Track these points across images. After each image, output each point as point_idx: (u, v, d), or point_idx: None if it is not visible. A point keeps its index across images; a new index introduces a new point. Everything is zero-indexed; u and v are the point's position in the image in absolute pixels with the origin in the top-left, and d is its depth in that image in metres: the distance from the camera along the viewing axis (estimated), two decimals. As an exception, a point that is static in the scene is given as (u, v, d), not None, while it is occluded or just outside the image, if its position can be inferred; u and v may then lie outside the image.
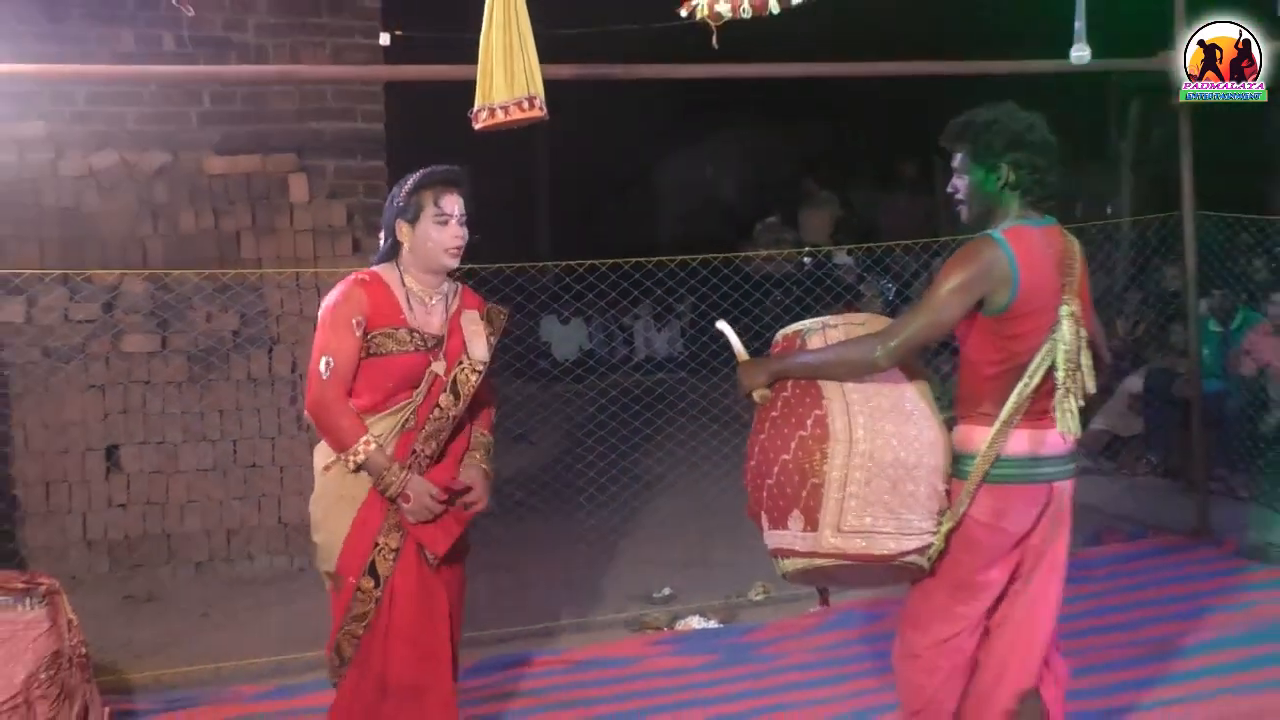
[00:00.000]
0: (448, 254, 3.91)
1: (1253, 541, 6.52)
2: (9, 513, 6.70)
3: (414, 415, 3.86)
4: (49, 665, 4.26)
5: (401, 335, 3.85)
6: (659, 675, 5.37)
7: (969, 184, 3.73)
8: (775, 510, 3.56)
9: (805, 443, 3.48)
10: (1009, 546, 3.63)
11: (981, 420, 3.58)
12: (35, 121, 6.94)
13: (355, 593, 3.84)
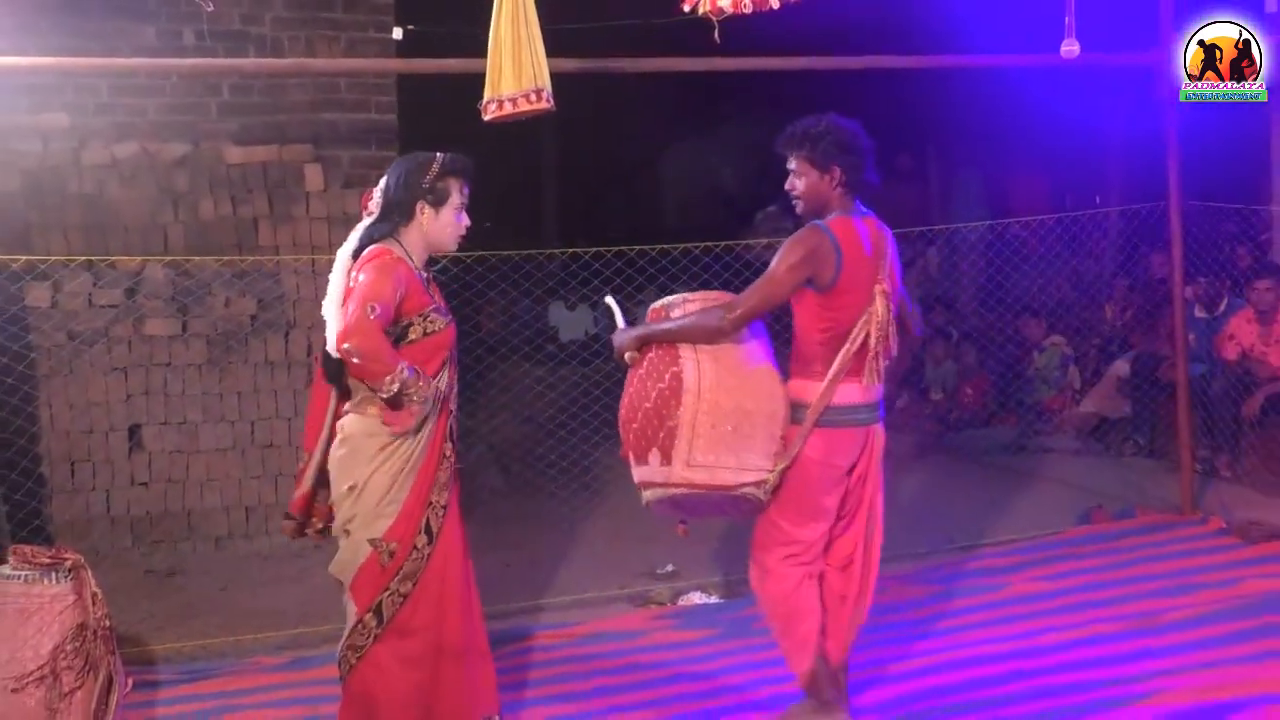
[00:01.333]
0: (456, 241, 4.09)
1: (1237, 520, 6.51)
2: (36, 490, 6.71)
3: (449, 379, 4.08)
4: (75, 637, 4.26)
5: (440, 309, 4.04)
6: (661, 649, 5.38)
7: (806, 184, 4.29)
8: (639, 449, 4.15)
9: (663, 393, 4.07)
10: (838, 479, 4.25)
11: (814, 376, 4.18)
12: (59, 113, 6.94)
13: (411, 551, 3.93)
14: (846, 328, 4.15)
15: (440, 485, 4.01)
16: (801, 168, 4.29)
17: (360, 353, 3.77)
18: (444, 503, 4.03)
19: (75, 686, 4.23)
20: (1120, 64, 7.29)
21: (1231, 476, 7.44)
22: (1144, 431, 8.32)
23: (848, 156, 4.25)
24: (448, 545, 4.05)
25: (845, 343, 4.14)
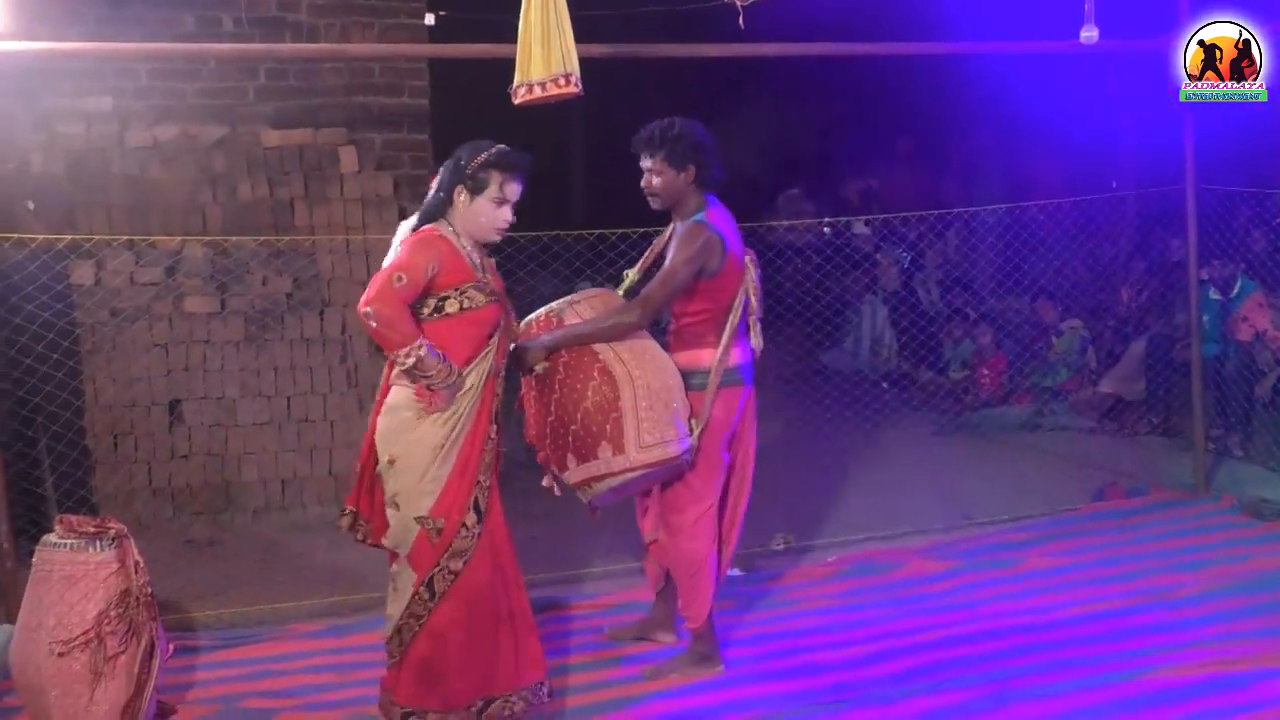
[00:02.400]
0: (496, 232, 4.07)
1: (1248, 498, 6.48)
2: (81, 462, 6.75)
3: (494, 361, 4.02)
4: (118, 603, 4.29)
5: (484, 287, 3.98)
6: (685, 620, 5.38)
7: (663, 182, 4.60)
8: (583, 448, 4.34)
9: (600, 389, 4.29)
10: (732, 433, 4.68)
11: (708, 345, 4.56)
12: (103, 97, 6.97)
13: (459, 529, 3.93)
14: (728, 302, 4.59)
15: (486, 465, 4.02)
16: (659, 167, 4.58)
17: (378, 317, 3.81)
18: (489, 482, 4.04)
19: (119, 651, 4.26)
20: (1138, 50, 7.22)
21: (1244, 455, 7.41)
22: (1158, 411, 8.29)
23: (700, 155, 4.60)
24: (495, 522, 4.08)
25: (729, 314, 4.59)
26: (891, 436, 8.60)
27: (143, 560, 4.45)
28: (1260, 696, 4.30)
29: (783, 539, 6.34)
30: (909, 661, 4.77)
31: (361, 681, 4.76)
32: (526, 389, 4.55)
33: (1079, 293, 9.64)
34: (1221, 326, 7.86)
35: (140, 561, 4.44)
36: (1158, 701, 4.31)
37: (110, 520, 4.51)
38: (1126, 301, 9.22)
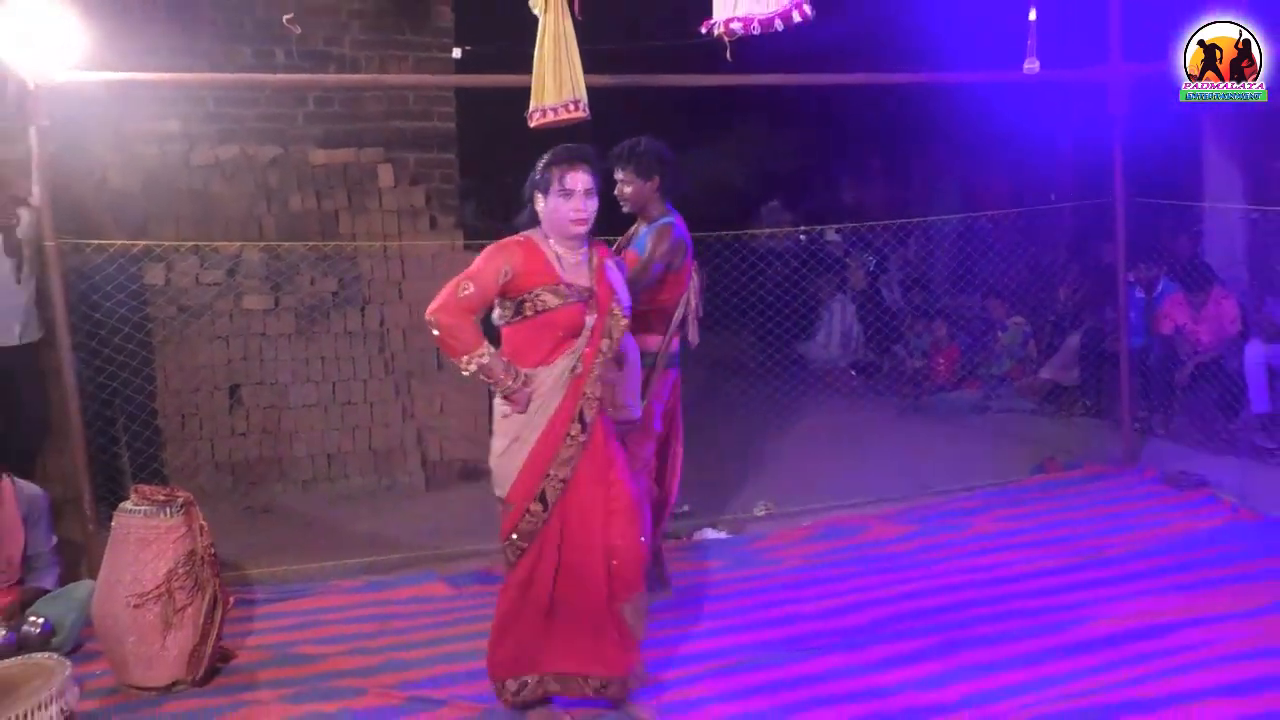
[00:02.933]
0: (572, 224, 3.70)
1: (1169, 470, 6.48)
2: (153, 439, 6.76)
3: (580, 361, 3.70)
4: (185, 562, 4.30)
5: (561, 290, 3.66)
6: (679, 576, 5.38)
7: (633, 190, 4.70)
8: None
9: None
10: (665, 408, 4.83)
11: (656, 333, 4.68)
12: (172, 120, 6.97)
13: (525, 514, 3.70)
14: (679, 297, 4.72)
15: (562, 461, 3.70)
16: (629, 178, 4.67)
17: (439, 326, 3.64)
18: (564, 477, 3.71)
19: (186, 604, 4.27)
20: (1073, 79, 7.21)
21: (1165, 433, 7.41)
22: (1091, 395, 8.29)
23: (664, 167, 4.68)
24: (567, 515, 3.75)
25: (677, 308, 4.72)
26: (858, 417, 8.61)
27: (206, 524, 4.47)
28: (1180, 642, 4.31)
29: (764, 506, 6.34)
30: (874, 613, 4.77)
31: (398, 630, 4.79)
32: None
33: (1023, 292, 9.63)
34: (1146, 322, 7.87)
35: (204, 525, 4.45)
36: (1092, 647, 4.32)
37: (178, 490, 4.53)
38: (1064, 299, 9.21)
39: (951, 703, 3.96)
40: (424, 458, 7.15)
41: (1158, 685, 3.97)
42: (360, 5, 7.34)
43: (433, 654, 4.53)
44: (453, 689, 4.23)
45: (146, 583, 4.23)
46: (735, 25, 3.91)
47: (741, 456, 7.40)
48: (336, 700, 4.13)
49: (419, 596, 5.18)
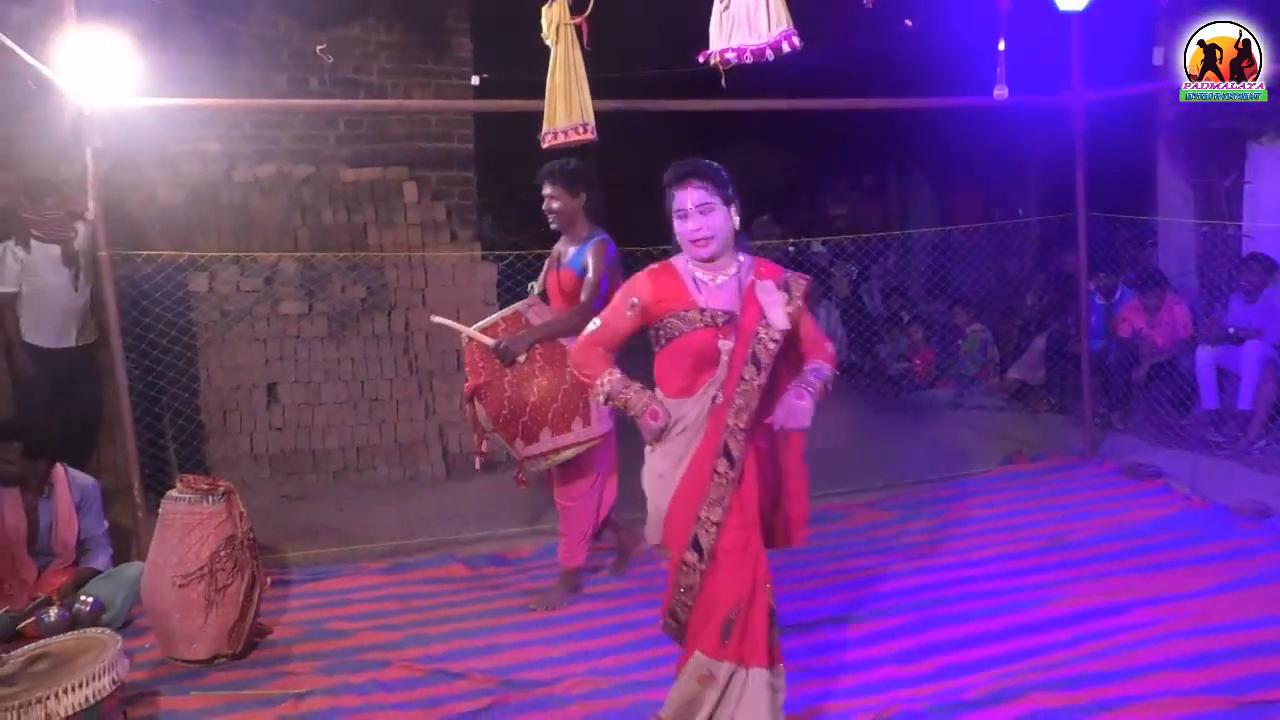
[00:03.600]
0: (691, 244, 3.24)
1: (1127, 462, 6.47)
2: (197, 433, 6.77)
3: (720, 391, 3.16)
4: (226, 545, 4.30)
5: (691, 315, 3.17)
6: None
7: (561, 205, 4.56)
8: (560, 421, 4.34)
9: (573, 375, 3.81)
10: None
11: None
12: (214, 142, 6.98)
13: (681, 565, 3.16)
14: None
15: (712, 502, 3.12)
16: (557, 194, 4.53)
17: (573, 361, 3.41)
18: (717, 519, 3.11)
19: (227, 584, 4.27)
20: (1039, 104, 7.20)
21: (1123, 428, 7.40)
22: (1055, 393, 8.28)
23: (591, 186, 4.57)
24: (730, 563, 3.13)
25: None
26: (842, 413, 8.59)
27: (245, 511, 4.47)
28: (1136, 620, 4.30)
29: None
30: (856, 593, 4.76)
31: (420, 609, 4.78)
32: (494, 378, 4.37)
33: (993, 298, 9.63)
34: (1106, 326, 7.86)
35: (244, 512, 4.45)
36: (1056, 624, 4.31)
37: (220, 479, 4.53)
38: (1030, 305, 9.20)
39: (928, 674, 3.96)
40: (445, 450, 7.15)
41: (1115, 659, 3.97)
42: (387, 37, 7.34)
43: (451, 630, 4.53)
44: (469, 662, 4.22)
45: (191, 564, 4.23)
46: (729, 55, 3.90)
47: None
48: (364, 672, 4.12)
49: (439, 578, 5.18)
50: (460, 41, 7.57)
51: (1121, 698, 3.67)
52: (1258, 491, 5.80)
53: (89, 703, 3.22)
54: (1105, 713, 3.58)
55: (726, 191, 3.26)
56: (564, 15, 4.67)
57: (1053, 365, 8.28)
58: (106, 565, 4.87)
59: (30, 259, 5.75)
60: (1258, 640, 4.03)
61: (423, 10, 6.98)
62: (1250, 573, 4.74)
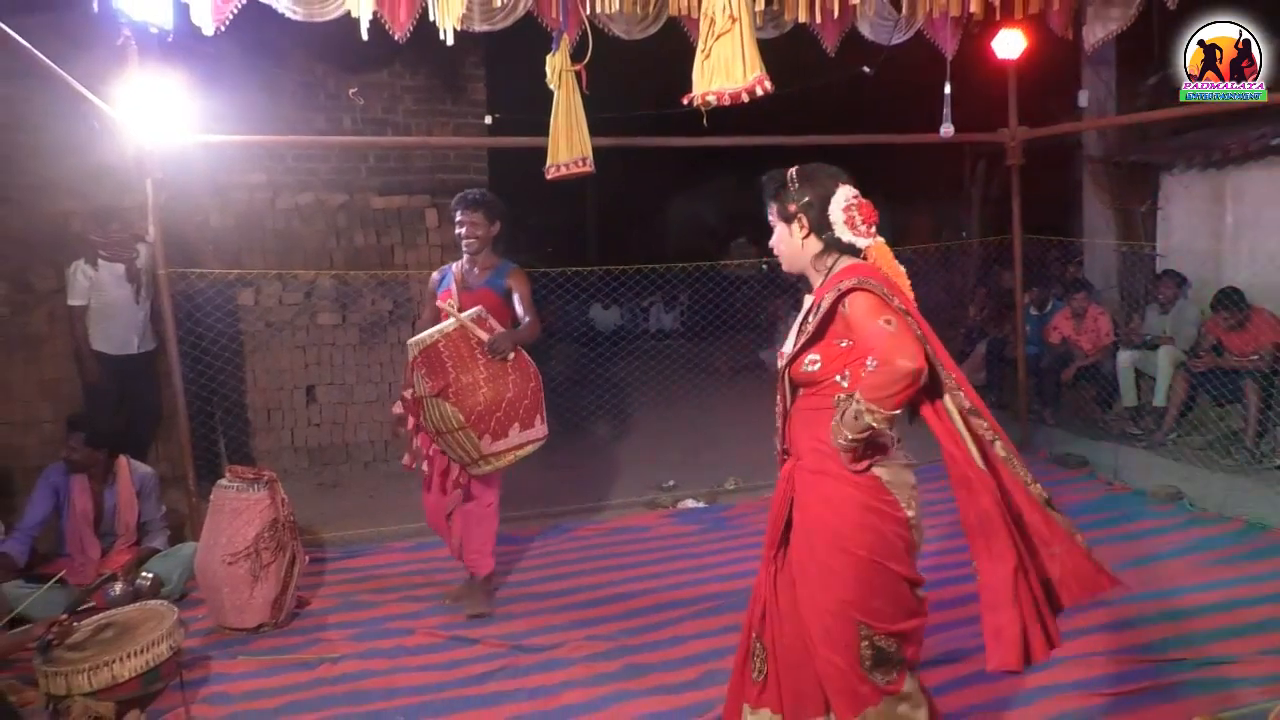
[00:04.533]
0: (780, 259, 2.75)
1: (1057, 452, 6.49)
2: (244, 428, 6.76)
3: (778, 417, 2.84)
4: (269, 528, 4.30)
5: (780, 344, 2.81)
6: (665, 537, 5.39)
7: (482, 231, 4.36)
8: (528, 416, 4.08)
9: (536, 376, 4.15)
10: None
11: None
12: (259, 173, 6.95)
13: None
14: None
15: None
16: (480, 220, 4.32)
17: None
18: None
19: (270, 561, 4.27)
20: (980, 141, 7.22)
21: (1054, 423, 7.41)
22: (994, 392, 8.29)
23: (503, 217, 4.40)
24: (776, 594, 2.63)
25: None
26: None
27: (287, 497, 4.47)
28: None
29: (733, 481, 6.33)
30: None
31: (441, 582, 4.77)
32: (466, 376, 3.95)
33: (940, 310, 9.63)
34: (1039, 334, 7.87)
35: (285, 498, 4.45)
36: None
37: (264, 469, 4.52)
38: (973, 316, 9.21)
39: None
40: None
41: (1048, 625, 3.96)
42: (411, 82, 7.33)
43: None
44: (484, 630, 4.22)
45: (238, 544, 4.22)
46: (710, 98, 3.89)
47: (715, 441, 7.39)
48: (391, 639, 4.12)
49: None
50: (476, 86, 7.56)
51: (1055, 657, 3.66)
52: (1170, 478, 5.82)
53: (149, 666, 3.21)
54: (1041, 670, 3.57)
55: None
56: (566, 63, 4.67)
57: (992, 368, 8.29)
58: (164, 545, 4.86)
59: (97, 276, 5.73)
60: (1169, 607, 4.04)
61: (443, 58, 6.96)
62: (1164, 548, 4.75)
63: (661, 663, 3.86)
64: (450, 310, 4.11)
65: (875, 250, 2.58)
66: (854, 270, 2.51)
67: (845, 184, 2.60)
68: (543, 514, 5.79)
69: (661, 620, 4.26)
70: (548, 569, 4.97)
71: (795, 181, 2.63)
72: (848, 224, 2.56)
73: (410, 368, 4.08)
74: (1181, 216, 7.68)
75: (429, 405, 3.99)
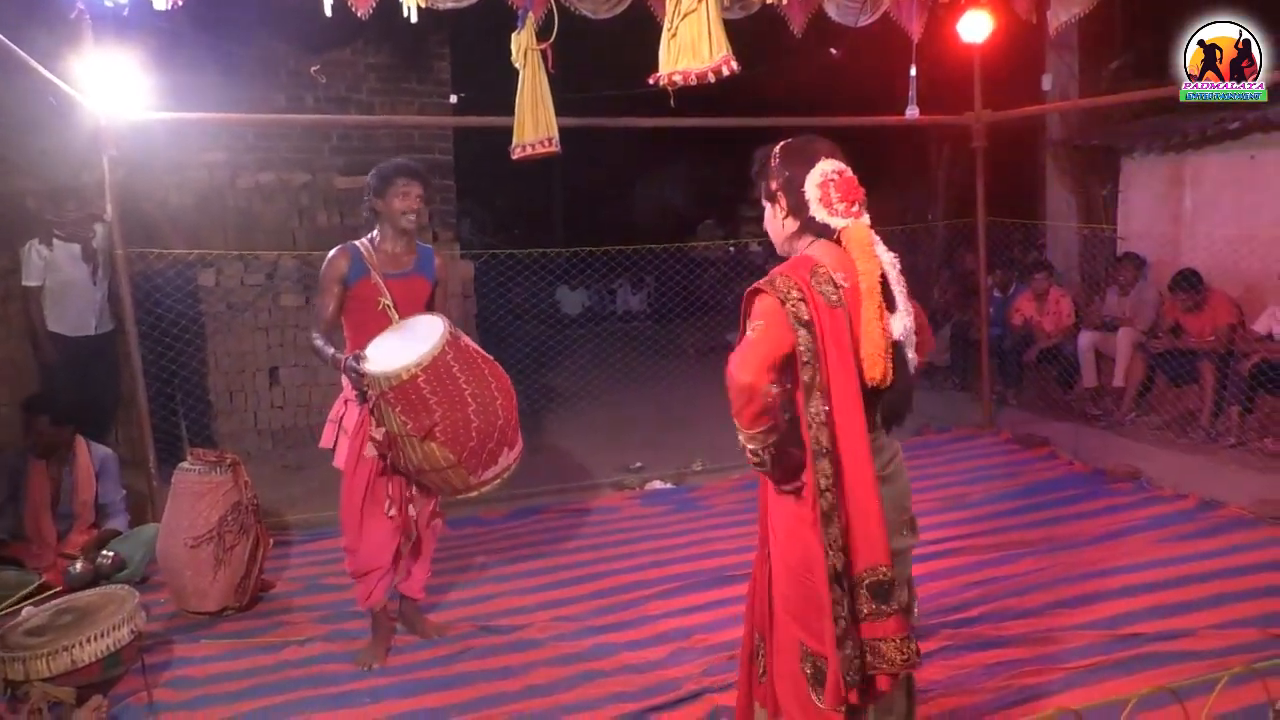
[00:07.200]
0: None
1: (1019, 433, 6.57)
2: (206, 410, 6.69)
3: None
4: (233, 511, 4.26)
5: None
6: (633, 518, 5.40)
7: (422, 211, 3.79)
8: (514, 435, 3.53)
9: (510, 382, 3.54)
10: None
11: None
12: (220, 152, 6.86)
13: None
14: None
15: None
16: (423, 193, 3.78)
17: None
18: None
19: (234, 544, 4.24)
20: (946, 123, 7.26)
21: (1016, 404, 7.51)
22: (958, 374, 8.38)
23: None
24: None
25: None
26: (776, 391, 8.64)
27: (250, 480, 4.43)
28: (1025, 568, 4.38)
29: (700, 462, 6.36)
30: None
31: (406, 564, 4.75)
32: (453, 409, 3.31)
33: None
34: (1001, 315, 7.96)
35: (248, 481, 4.41)
36: (957, 572, 4.37)
37: (227, 452, 4.48)
38: (937, 298, 9.29)
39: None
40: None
41: (1009, 601, 4.03)
42: (375, 60, 7.24)
43: (435, 583, 4.48)
44: (451, 612, 4.24)
45: (201, 528, 4.19)
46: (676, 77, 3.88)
47: (682, 423, 7.41)
48: (356, 620, 4.10)
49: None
50: (441, 64, 7.48)
51: (1015, 635, 3.73)
52: (1128, 457, 5.92)
53: (110, 650, 3.18)
54: (1003, 647, 3.64)
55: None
56: (531, 41, 4.63)
57: (956, 350, 8.37)
58: (125, 528, 4.81)
59: (53, 256, 5.63)
60: (1129, 582, 4.12)
61: (407, 36, 6.88)
62: (1122, 526, 4.84)
63: (629, 642, 3.88)
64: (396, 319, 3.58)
65: (849, 233, 2.34)
66: (792, 265, 2.32)
67: (829, 159, 2.39)
68: (510, 496, 5.78)
69: (629, 600, 4.28)
70: (515, 550, 4.97)
71: (777, 157, 2.46)
72: (822, 202, 2.35)
73: (374, 401, 3.37)
74: (1141, 200, 7.79)
75: (408, 444, 3.36)
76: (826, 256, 2.33)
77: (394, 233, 3.76)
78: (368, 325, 3.63)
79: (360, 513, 3.71)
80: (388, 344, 3.48)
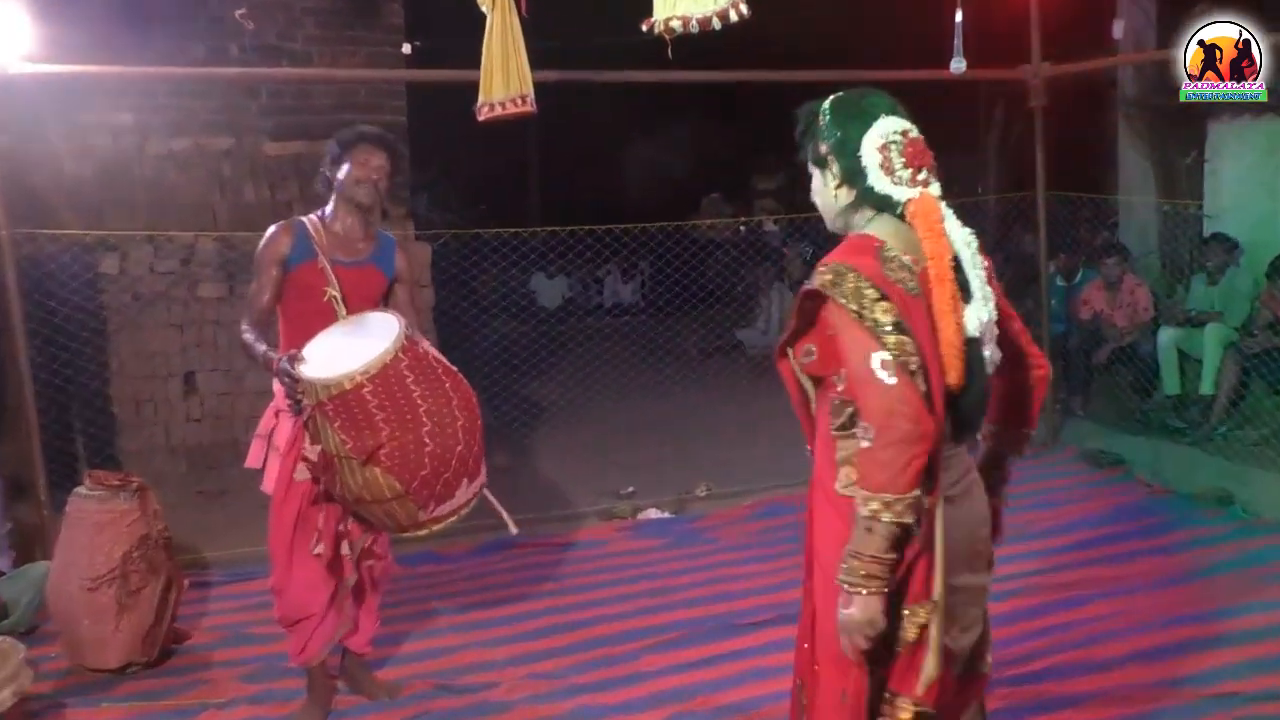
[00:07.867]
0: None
1: (1087, 449, 6.57)
2: (108, 424, 6.69)
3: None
4: (139, 545, 4.25)
5: None
6: (624, 554, 5.39)
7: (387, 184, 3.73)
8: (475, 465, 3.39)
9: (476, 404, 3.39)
10: None
11: None
12: (126, 113, 6.86)
13: None
14: None
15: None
16: (384, 164, 3.68)
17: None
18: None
19: (140, 586, 4.22)
20: (997, 79, 7.26)
21: (1084, 414, 7.50)
22: (1014, 378, 8.37)
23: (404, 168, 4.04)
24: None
25: None
26: (795, 400, 8.63)
27: (161, 508, 4.42)
28: (1097, 613, 4.37)
29: (705, 487, 6.33)
30: (810, 588, 4.78)
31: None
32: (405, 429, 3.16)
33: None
34: (1066, 309, 7.95)
35: (159, 509, 4.40)
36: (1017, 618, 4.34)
37: (132, 475, 4.48)
38: (989, 287, 9.31)
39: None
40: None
41: (1077, 653, 4.02)
42: (313, 2, 7.23)
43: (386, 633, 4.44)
44: (403, 668, 4.23)
45: (100, 566, 4.16)
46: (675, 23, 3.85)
47: (682, 439, 7.39)
48: (289, 679, 4.07)
49: (371, 576, 5.12)
50: (392, 6, 7.47)
51: (1085, 693, 3.72)
52: (1219, 479, 5.91)
53: (-11, 717, 3.14)
54: (1069, 709, 3.63)
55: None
56: (501, -21, 4.61)
57: (1011, 349, 8.36)
58: (8, 567, 4.79)
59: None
60: (1220, 631, 4.11)
61: (351, -27, 6.90)
62: (1211, 562, 4.83)
63: (618, 704, 3.85)
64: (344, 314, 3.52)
65: (917, 205, 2.31)
66: (853, 248, 2.28)
67: (890, 115, 2.36)
68: (474, 528, 5.74)
69: (619, 654, 4.26)
70: (481, 593, 4.95)
71: (827, 114, 2.40)
72: (883, 168, 2.30)
73: (309, 413, 3.25)
74: (1233, 170, 7.79)
75: (347, 468, 3.19)
76: (891, 235, 2.29)
77: (346, 209, 3.69)
78: (309, 320, 3.56)
79: (290, 547, 3.65)
80: (331, 344, 3.39)
